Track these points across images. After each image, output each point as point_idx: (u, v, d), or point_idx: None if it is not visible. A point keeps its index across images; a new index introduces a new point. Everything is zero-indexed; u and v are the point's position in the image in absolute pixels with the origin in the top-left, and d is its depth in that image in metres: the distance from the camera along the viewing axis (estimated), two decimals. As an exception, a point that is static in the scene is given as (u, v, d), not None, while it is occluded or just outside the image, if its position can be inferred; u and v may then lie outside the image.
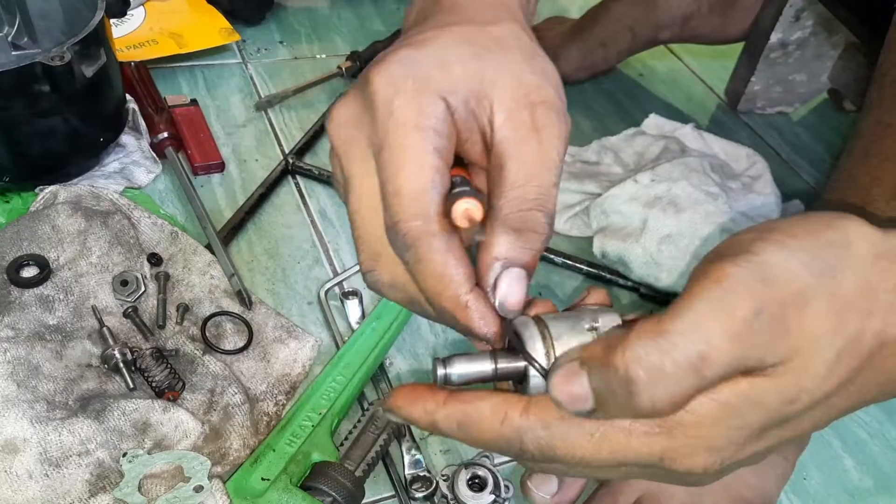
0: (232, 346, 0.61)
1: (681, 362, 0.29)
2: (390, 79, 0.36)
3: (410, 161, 0.35)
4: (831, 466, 0.61)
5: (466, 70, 0.37)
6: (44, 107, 0.64)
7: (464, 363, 0.33)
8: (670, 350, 0.30)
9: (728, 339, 0.30)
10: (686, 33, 0.95)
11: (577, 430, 0.33)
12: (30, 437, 0.51)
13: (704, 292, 0.30)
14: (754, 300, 0.30)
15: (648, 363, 0.30)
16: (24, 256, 0.61)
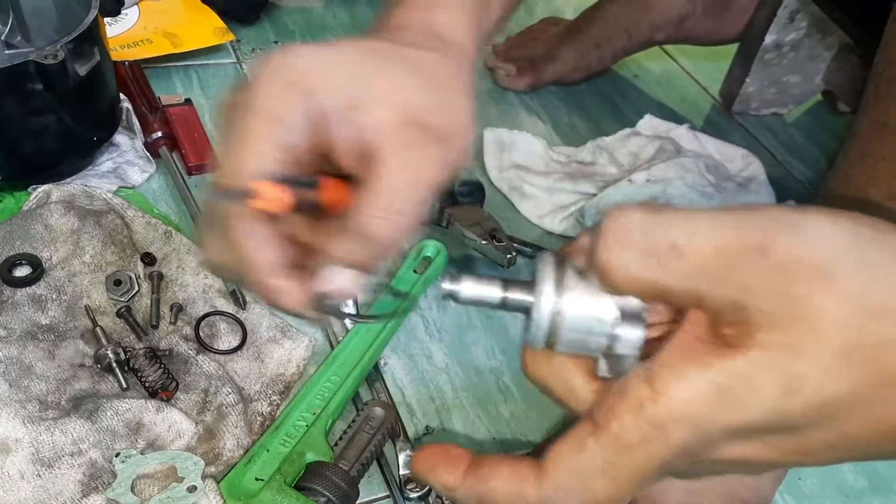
0: (226, 346, 0.61)
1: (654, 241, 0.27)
2: (269, 68, 0.37)
3: (246, 147, 0.36)
4: (826, 468, 0.61)
5: (352, 77, 0.37)
6: (37, 105, 0.64)
7: (473, 284, 0.32)
8: (649, 226, 0.27)
9: (714, 249, 0.26)
10: (681, 34, 0.95)
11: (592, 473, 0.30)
12: (22, 437, 0.51)
13: (718, 210, 0.27)
14: (766, 238, 0.26)
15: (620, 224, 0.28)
16: (17, 256, 0.60)
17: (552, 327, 0.30)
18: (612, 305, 0.30)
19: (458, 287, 0.32)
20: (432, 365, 0.64)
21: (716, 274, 0.27)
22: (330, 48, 0.38)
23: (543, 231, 0.77)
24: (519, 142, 0.84)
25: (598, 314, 0.30)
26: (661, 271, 0.27)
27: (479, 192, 0.75)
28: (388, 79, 0.38)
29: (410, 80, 0.38)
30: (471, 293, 0.32)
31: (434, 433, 0.59)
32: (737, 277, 0.26)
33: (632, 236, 0.27)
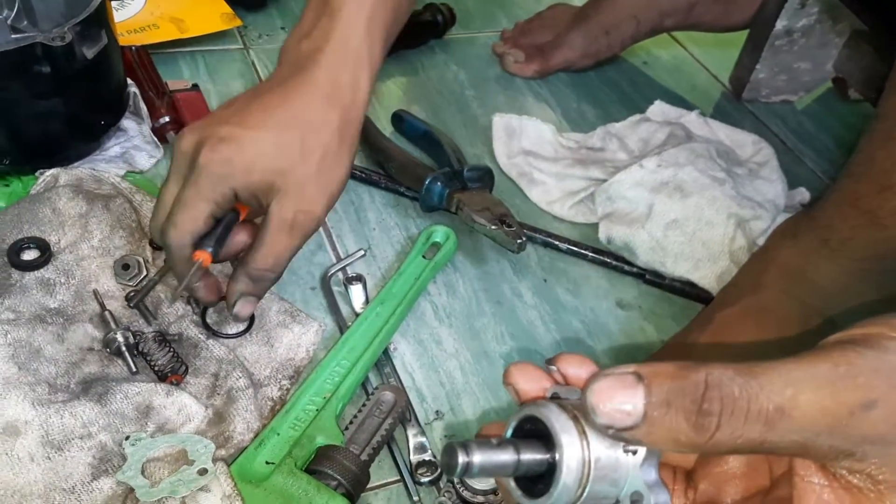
0: (235, 331, 0.60)
1: (759, 406, 0.27)
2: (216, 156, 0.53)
3: (190, 215, 0.54)
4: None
5: (263, 177, 0.54)
6: (44, 88, 0.64)
7: (485, 452, 0.29)
8: (754, 389, 0.27)
9: (820, 410, 0.27)
10: (690, 21, 0.95)
11: None
12: (31, 420, 0.51)
13: (812, 363, 0.28)
14: (869, 393, 0.27)
15: (728, 392, 0.27)
16: (25, 239, 0.60)
17: (576, 492, 0.29)
18: (633, 457, 0.29)
19: (472, 459, 0.29)
20: (442, 350, 0.64)
21: (824, 430, 0.27)
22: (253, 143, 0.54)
23: (552, 217, 0.77)
24: (528, 128, 0.83)
25: (623, 467, 0.29)
26: (767, 433, 0.27)
27: (488, 177, 0.74)
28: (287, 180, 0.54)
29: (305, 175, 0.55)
30: (484, 461, 0.29)
31: (444, 418, 0.59)
32: (847, 432, 0.27)
33: (737, 404, 0.27)
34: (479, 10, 1.08)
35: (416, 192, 0.73)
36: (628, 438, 0.28)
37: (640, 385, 0.27)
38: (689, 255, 0.69)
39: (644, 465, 0.29)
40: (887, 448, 0.27)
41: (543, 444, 0.29)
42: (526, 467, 0.29)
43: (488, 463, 0.29)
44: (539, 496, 0.30)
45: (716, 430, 0.27)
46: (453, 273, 0.70)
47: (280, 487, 0.50)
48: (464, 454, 0.29)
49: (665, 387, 0.27)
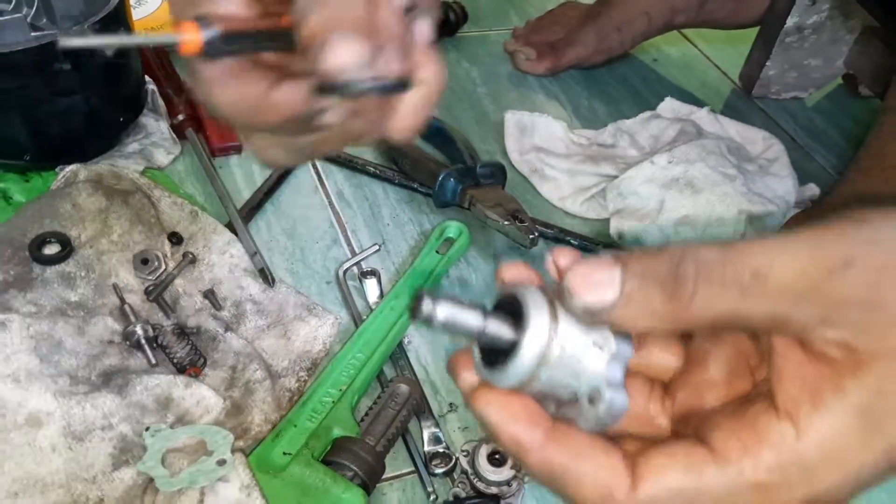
0: (252, 325, 0.61)
1: (736, 270, 0.26)
2: None
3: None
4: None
5: None
6: (64, 86, 0.65)
7: (452, 307, 0.28)
8: (731, 255, 0.27)
9: (796, 270, 0.26)
10: (701, 17, 0.95)
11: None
12: (53, 411, 0.52)
13: (790, 234, 0.27)
14: (847, 251, 0.26)
15: (704, 257, 0.27)
16: (46, 234, 0.61)
17: (534, 372, 0.28)
18: (600, 353, 0.29)
19: (436, 310, 0.28)
20: (455, 344, 0.65)
21: (801, 294, 0.26)
22: None
23: (564, 213, 0.78)
24: (539, 124, 0.84)
25: (588, 360, 0.29)
26: (743, 300, 0.27)
27: (500, 173, 0.75)
28: None
29: None
30: (449, 318, 0.28)
31: (458, 410, 0.60)
32: (825, 294, 0.26)
33: (713, 269, 0.27)
34: (491, 8, 1.08)
35: (430, 188, 0.74)
36: (604, 319, 0.28)
37: (617, 264, 0.27)
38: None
39: (610, 364, 0.29)
40: (865, 312, 0.26)
41: (514, 321, 0.29)
42: (490, 338, 0.29)
43: (452, 319, 0.28)
44: (496, 368, 0.29)
45: (691, 297, 0.27)
46: (466, 268, 0.71)
47: (297, 478, 0.51)
48: (430, 304, 0.28)
49: (642, 262, 0.27)
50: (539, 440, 0.29)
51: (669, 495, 0.28)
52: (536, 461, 0.29)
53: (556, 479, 0.29)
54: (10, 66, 0.62)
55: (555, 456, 0.29)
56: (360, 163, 0.78)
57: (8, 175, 0.69)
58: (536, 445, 0.29)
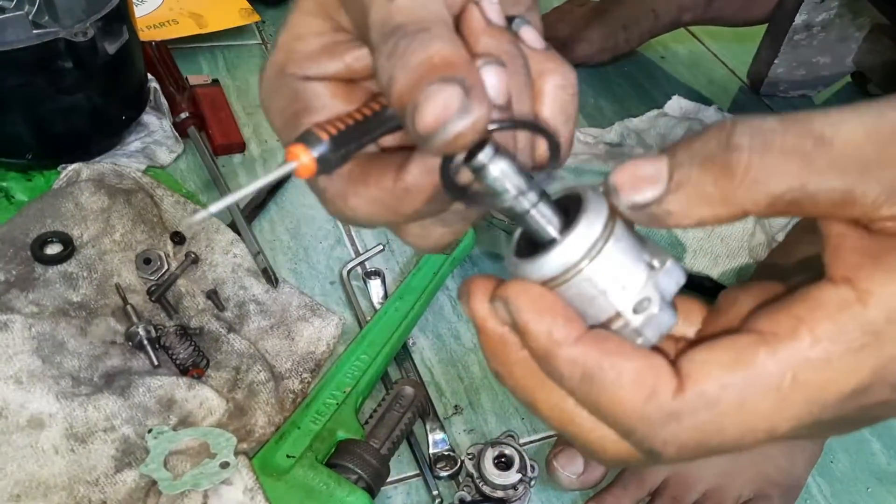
0: (255, 325, 0.61)
1: (796, 138, 0.23)
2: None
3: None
4: (859, 450, 0.61)
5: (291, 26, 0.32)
6: (66, 83, 0.64)
7: (511, 168, 0.26)
8: (790, 123, 0.24)
9: (865, 134, 0.23)
10: (709, 15, 0.94)
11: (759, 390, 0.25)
12: (55, 413, 0.51)
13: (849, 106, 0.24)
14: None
15: (758, 125, 0.24)
16: (48, 233, 0.61)
17: (577, 264, 0.26)
18: (651, 269, 0.26)
19: (492, 161, 0.25)
20: (460, 345, 0.64)
21: (869, 162, 0.23)
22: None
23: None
24: (545, 123, 0.83)
25: (638, 272, 0.26)
26: (807, 171, 0.23)
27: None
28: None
29: None
30: (503, 173, 0.26)
31: (463, 412, 0.59)
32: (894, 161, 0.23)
33: (771, 136, 0.24)
34: (496, 5, 1.07)
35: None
36: (654, 215, 0.25)
37: (664, 154, 0.25)
38: (707, 250, 0.69)
39: (662, 277, 0.26)
40: None
41: (566, 216, 0.26)
42: (536, 221, 0.26)
43: (504, 178, 0.26)
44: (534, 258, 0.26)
45: (746, 169, 0.24)
46: (471, 268, 0.70)
47: (301, 480, 0.51)
48: (490, 153, 0.25)
49: (690, 145, 0.25)
50: (574, 334, 0.25)
51: (720, 390, 0.25)
52: (568, 358, 0.25)
53: (590, 382, 0.25)
54: (12, 64, 0.61)
55: (590, 352, 0.25)
56: (365, 161, 0.77)
57: (10, 174, 0.68)
58: (571, 340, 0.25)
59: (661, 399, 0.25)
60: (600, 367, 0.25)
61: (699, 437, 0.25)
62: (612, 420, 0.26)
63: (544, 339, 0.26)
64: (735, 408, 0.24)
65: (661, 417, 0.25)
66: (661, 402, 0.25)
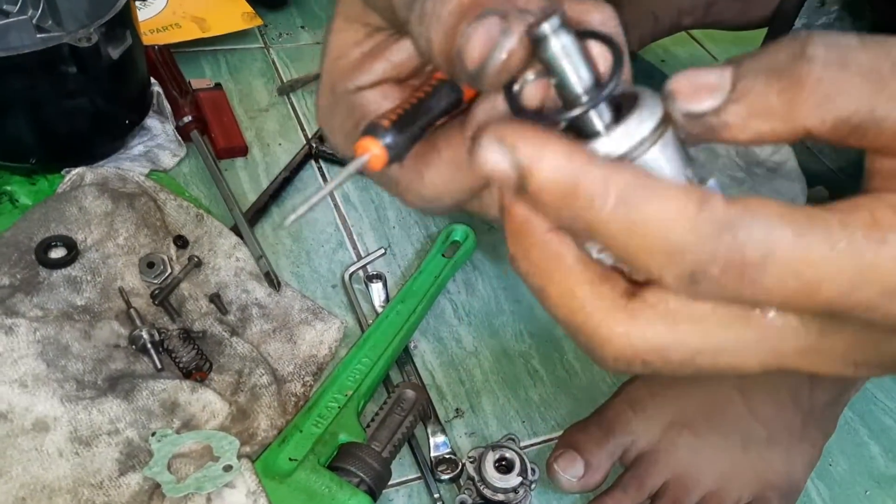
0: (258, 329, 0.61)
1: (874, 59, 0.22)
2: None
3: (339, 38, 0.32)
4: (857, 453, 0.61)
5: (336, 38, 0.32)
6: (70, 88, 0.65)
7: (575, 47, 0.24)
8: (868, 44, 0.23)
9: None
10: (709, 18, 0.94)
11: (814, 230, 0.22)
12: (60, 416, 0.52)
13: None
14: None
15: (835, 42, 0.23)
16: (52, 237, 0.61)
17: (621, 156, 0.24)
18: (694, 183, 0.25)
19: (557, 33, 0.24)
20: (461, 349, 0.64)
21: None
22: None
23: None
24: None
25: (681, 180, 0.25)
26: (880, 95, 0.22)
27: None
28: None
29: None
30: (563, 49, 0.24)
31: (464, 416, 0.60)
32: None
33: (848, 52, 0.22)
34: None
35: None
36: (712, 125, 0.23)
37: (730, 64, 0.24)
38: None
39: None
40: None
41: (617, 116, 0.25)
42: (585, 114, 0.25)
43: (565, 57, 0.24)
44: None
45: (817, 82, 0.22)
46: (472, 271, 0.70)
47: (303, 484, 0.51)
48: (556, 24, 0.24)
49: (760, 56, 0.23)
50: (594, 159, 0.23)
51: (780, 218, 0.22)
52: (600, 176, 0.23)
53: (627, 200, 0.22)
54: (16, 68, 0.61)
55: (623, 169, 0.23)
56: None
57: (14, 178, 0.69)
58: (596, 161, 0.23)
59: (715, 208, 0.22)
60: (643, 183, 0.22)
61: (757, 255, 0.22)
62: (653, 247, 0.23)
63: (566, 165, 0.23)
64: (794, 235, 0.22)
65: (714, 229, 0.22)
66: (715, 211, 0.22)
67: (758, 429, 0.57)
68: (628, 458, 0.55)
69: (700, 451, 0.55)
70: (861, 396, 0.64)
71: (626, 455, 0.55)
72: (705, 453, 0.55)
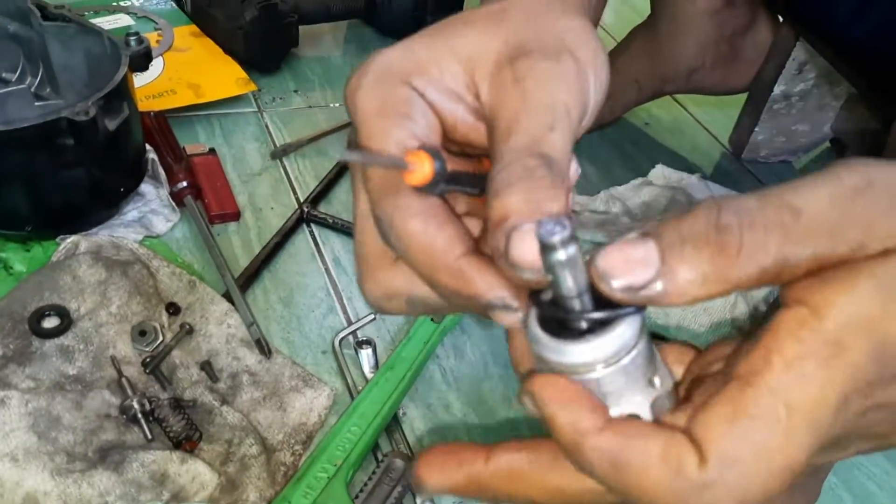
0: (248, 397, 0.62)
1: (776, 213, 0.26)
2: (357, 75, 0.34)
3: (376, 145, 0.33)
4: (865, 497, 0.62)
5: (433, 48, 0.34)
6: (67, 160, 0.66)
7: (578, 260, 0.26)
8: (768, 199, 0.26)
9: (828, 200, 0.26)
10: (690, 85, 0.97)
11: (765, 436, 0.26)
12: (50, 491, 0.52)
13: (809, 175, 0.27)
14: (865, 175, 0.27)
15: (743, 205, 0.26)
16: (46, 307, 0.62)
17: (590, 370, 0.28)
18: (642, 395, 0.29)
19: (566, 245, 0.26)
20: (450, 414, 0.65)
21: (835, 222, 0.26)
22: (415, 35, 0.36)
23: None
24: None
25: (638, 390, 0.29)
26: (787, 242, 0.26)
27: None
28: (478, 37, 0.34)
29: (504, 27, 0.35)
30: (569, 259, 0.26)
31: (453, 484, 0.60)
32: (856, 217, 0.26)
33: (754, 214, 0.26)
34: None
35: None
36: (650, 296, 0.26)
37: (648, 236, 0.27)
38: (691, 320, 0.70)
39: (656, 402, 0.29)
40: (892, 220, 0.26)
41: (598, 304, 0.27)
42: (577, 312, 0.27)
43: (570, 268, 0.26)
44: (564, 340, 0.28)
45: (739, 248, 0.26)
46: (461, 335, 0.71)
47: (292, 557, 0.51)
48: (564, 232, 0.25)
49: (677, 227, 0.27)
50: (600, 423, 0.27)
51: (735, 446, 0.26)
52: (596, 446, 0.27)
53: (618, 466, 0.27)
54: (15, 142, 0.63)
55: (615, 439, 0.27)
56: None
57: (9, 244, 0.70)
58: (597, 429, 0.27)
59: (689, 473, 0.26)
60: (628, 449, 0.27)
61: (732, 496, 0.26)
62: (639, 497, 0.27)
63: (570, 431, 0.27)
64: (753, 457, 0.26)
65: (693, 491, 0.26)
66: (689, 475, 0.26)
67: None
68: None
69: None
70: (845, 462, 0.65)
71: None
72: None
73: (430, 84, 0.34)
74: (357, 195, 0.35)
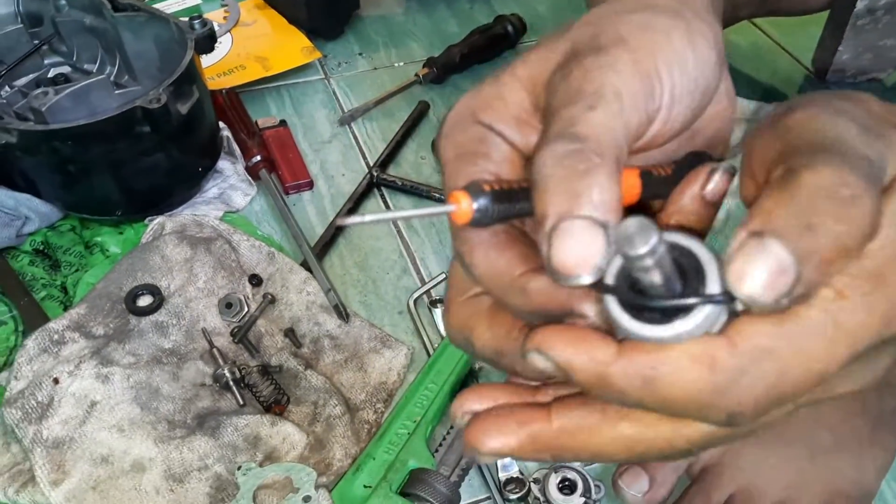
0: (330, 360, 0.65)
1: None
2: (441, 126, 0.35)
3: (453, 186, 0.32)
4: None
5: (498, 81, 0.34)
6: (146, 146, 0.70)
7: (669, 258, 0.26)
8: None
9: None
10: (765, 9, 0.92)
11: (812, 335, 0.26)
12: (155, 457, 0.57)
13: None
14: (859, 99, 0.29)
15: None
16: (139, 286, 0.66)
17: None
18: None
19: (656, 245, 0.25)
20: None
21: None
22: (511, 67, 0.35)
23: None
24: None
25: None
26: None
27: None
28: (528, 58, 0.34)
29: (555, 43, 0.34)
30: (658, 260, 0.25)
31: (530, 435, 0.62)
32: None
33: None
34: (551, 16, 1.08)
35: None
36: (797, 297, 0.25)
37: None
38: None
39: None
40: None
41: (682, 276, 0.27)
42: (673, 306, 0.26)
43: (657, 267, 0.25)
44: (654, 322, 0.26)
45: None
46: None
47: (377, 510, 0.54)
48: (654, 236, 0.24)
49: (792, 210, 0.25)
50: (615, 349, 0.27)
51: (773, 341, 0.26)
52: (621, 370, 0.27)
53: (651, 381, 0.26)
54: (99, 134, 0.67)
55: (638, 355, 0.27)
56: (426, 189, 0.80)
57: (103, 229, 0.75)
58: (615, 354, 0.27)
59: (723, 363, 0.26)
60: (654, 366, 0.26)
61: (768, 383, 0.26)
62: (687, 408, 0.27)
63: (591, 365, 0.27)
64: (792, 353, 0.26)
65: (728, 380, 0.26)
66: (723, 366, 0.26)
67: (825, 436, 0.56)
68: (693, 471, 0.56)
69: (765, 462, 0.55)
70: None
71: (691, 468, 0.56)
72: (771, 464, 0.55)
73: (496, 117, 0.33)
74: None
